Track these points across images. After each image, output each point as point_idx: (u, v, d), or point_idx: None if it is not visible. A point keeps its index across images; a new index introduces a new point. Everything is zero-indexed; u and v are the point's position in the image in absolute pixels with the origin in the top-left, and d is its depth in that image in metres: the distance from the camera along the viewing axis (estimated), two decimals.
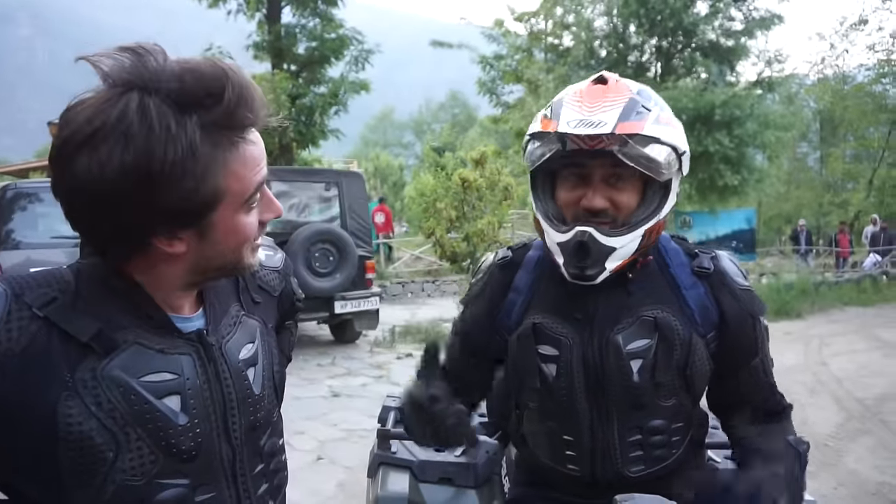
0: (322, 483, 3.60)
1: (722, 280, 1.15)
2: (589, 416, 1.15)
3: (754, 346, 1.16)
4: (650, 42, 16.28)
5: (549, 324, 1.16)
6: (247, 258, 0.85)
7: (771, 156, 16.33)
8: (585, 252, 1.06)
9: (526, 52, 17.11)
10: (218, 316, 0.89)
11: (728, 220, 17.08)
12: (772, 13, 15.84)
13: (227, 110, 0.72)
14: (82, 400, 0.72)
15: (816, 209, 25.55)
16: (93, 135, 0.68)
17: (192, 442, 0.79)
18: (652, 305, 1.13)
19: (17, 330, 0.71)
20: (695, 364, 1.12)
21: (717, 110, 13.83)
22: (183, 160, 0.69)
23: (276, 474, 0.95)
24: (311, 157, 15.68)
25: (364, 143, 50.76)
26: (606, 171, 1.07)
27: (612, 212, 1.08)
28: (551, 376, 1.15)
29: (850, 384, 5.88)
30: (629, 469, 1.15)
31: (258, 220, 0.84)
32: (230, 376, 0.85)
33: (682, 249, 1.20)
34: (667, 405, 1.13)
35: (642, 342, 1.11)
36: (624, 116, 1.02)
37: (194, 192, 0.71)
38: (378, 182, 29.23)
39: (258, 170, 0.79)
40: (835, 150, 25.72)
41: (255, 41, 12.73)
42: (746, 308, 1.15)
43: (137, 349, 0.77)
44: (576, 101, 1.07)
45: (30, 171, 16.68)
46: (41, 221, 5.22)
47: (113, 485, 0.74)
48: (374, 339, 7.84)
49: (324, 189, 7.24)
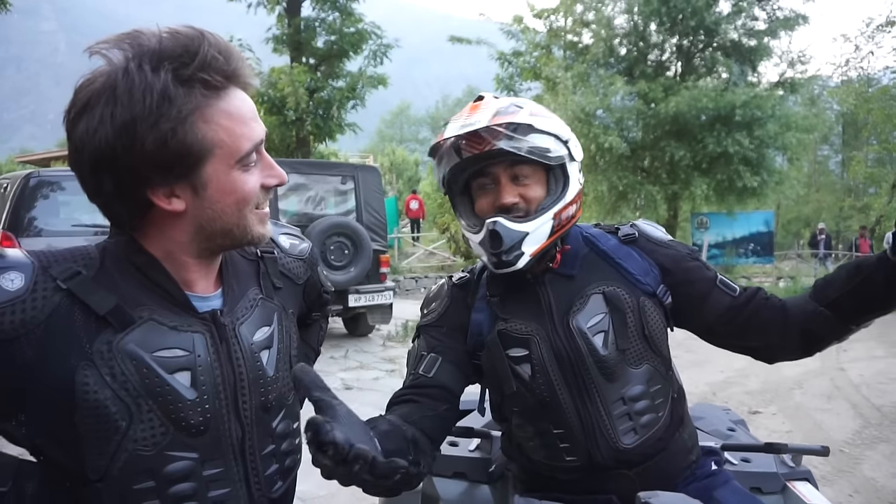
0: None
1: (648, 239, 1.29)
2: (572, 402, 1.19)
3: (708, 272, 1.26)
4: (671, 41, 16.10)
5: (513, 327, 1.22)
6: (253, 225, 0.86)
7: (792, 158, 16.12)
8: (498, 240, 1.14)
9: (545, 50, 16.99)
10: (235, 298, 0.91)
11: (746, 222, 16.89)
12: (796, 13, 15.59)
13: (202, 63, 0.76)
14: (98, 370, 0.77)
15: (836, 213, 25.22)
16: (87, 102, 0.76)
17: (201, 417, 0.82)
18: (597, 283, 1.22)
19: (42, 300, 0.76)
20: (650, 324, 1.21)
21: (738, 111, 13.66)
22: (158, 104, 0.74)
23: (287, 456, 0.96)
24: (328, 151, 15.76)
25: (380, 138, 50.86)
26: (509, 171, 1.17)
27: (524, 205, 1.18)
28: (527, 376, 1.20)
29: (867, 390, 5.79)
30: (623, 442, 1.18)
31: (260, 184, 0.85)
32: (242, 357, 0.88)
33: (604, 230, 1.32)
34: (639, 371, 1.20)
35: (598, 317, 1.20)
36: (497, 114, 1.14)
37: (172, 133, 0.75)
38: (393, 177, 29.27)
39: (248, 126, 0.81)
40: (857, 154, 25.28)
41: (274, 34, 12.77)
42: (679, 252, 1.28)
43: (152, 325, 0.81)
44: (457, 117, 1.21)
45: (51, 160, 16.94)
46: (62, 209, 5.29)
47: (125, 453, 0.78)
48: (386, 333, 7.87)
49: (340, 182, 7.27)
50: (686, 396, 1.37)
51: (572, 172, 1.21)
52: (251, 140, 0.82)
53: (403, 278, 12.91)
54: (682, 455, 1.26)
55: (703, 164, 14.69)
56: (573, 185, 1.21)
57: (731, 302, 1.23)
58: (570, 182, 1.20)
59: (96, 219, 5.30)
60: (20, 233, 4.93)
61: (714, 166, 14.69)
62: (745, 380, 6.02)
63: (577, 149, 1.22)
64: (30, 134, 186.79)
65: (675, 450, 1.24)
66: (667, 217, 16.25)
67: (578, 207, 1.23)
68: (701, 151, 14.46)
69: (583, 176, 1.26)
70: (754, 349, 1.25)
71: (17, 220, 4.95)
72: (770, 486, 1.52)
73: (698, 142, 14.45)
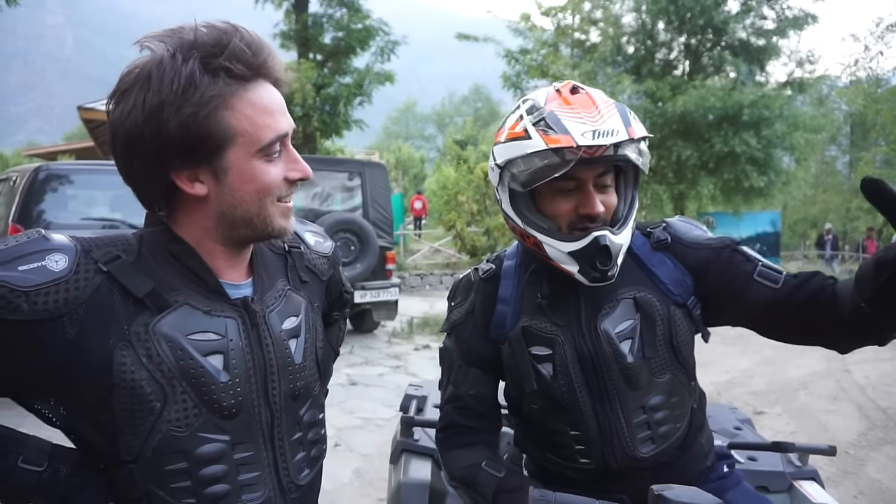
0: (339, 469, 3.63)
1: (681, 243, 1.22)
2: (592, 406, 1.17)
3: (747, 264, 1.15)
4: (679, 39, 16.04)
5: (538, 324, 1.19)
6: (274, 217, 0.88)
7: (799, 158, 16.03)
8: (607, 254, 1.10)
9: (552, 47, 16.94)
10: (265, 287, 0.94)
11: (752, 222, 16.84)
12: (805, 13, 15.49)
13: (230, 55, 0.80)
14: (135, 351, 0.80)
15: (844, 214, 25.08)
16: (126, 88, 0.81)
17: (233, 400, 0.84)
18: (628, 287, 1.18)
19: (84, 281, 0.79)
20: (678, 334, 1.17)
21: (746, 110, 13.60)
22: (184, 89, 0.78)
23: (313, 445, 0.98)
24: (334, 147, 15.76)
25: (386, 135, 50.87)
26: (596, 178, 1.12)
27: (605, 215, 1.13)
28: (548, 375, 1.18)
29: (873, 392, 5.78)
30: (640, 451, 1.16)
31: (283, 177, 0.87)
32: (272, 343, 0.90)
33: (638, 232, 1.26)
34: (662, 380, 1.17)
35: (627, 323, 1.16)
36: (626, 122, 1.07)
37: (194, 117, 0.78)
38: (399, 174, 29.28)
39: (272, 118, 0.84)
40: (865, 155, 25.15)
41: (281, 30, 12.81)
42: (714, 248, 1.19)
43: (187, 309, 0.84)
44: (573, 112, 1.07)
45: (58, 153, 17.00)
46: (71, 203, 5.32)
47: (159, 433, 0.80)
48: (392, 329, 7.89)
49: (347, 179, 7.28)
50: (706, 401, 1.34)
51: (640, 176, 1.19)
52: (274, 131, 0.84)
53: (409, 275, 12.93)
54: (698, 460, 1.25)
55: (709, 164, 14.64)
56: (637, 188, 1.19)
57: (773, 296, 1.11)
58: (637, 185, 1.19)
59: (105, 213, 5.33)
60: (29, 225, 4.95)
61: (721, 166, 14.63)
62: (749, 380, 6.01)
63: None
64: (36, 128, 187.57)
65: (690, 456, 1.23)
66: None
67: None
68: (708, 151, 14.41)
69: None
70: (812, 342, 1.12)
71: (27, 213, 4.98)
72: (777, 484, 1.52)
73: (705, 141, 14.41)
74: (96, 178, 5.44)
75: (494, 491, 1.15)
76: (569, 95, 1.12)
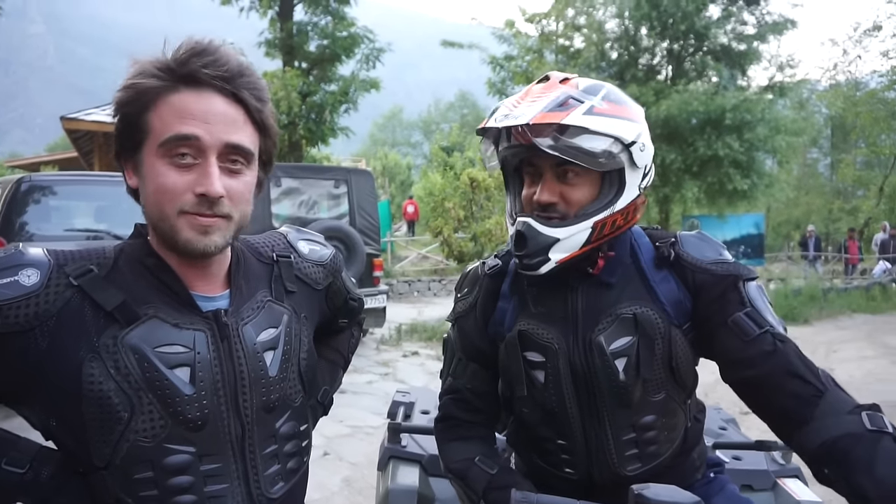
0: (328, 478, 3.62)
1: (685, 263, 1.13)
2: (580, 419, 1.14)
3: (735, 304, 1.07)
4: (661, 45, 16.23)
5: (534, 330, 1.16)
6: (179, 228, 0.85)
7: (781, 161, 16.27)
8: (522, 242, 1.07)
9: (536, 54, 17.06)
10: (243, 298, 0.94)
11: (736, 224, 17.02)
12: (785, 18, 15.77)
13: (177, 60, 0.84)
14: (104, 363, 0.81)
15: (826, 215, 25.44)
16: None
17: (198, 412, 0.85)
18: (629, 302, 1.12)
19: (55, 294, 0.82)
20: (678, 356, 1.11)
21: (728, 114, 13.78)
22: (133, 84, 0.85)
23: (291, 457, 0.97)
24: (321, 155, 15.73)
25: (372, 142, 50.84)
26: (556, 167, 1.07)
27: (563, 206, 1.08)
28: (540, 383, 1.16)
29: (856, 391, 5.78)
30: (626, 468, 1.14)
31: (191, 189, 0.84)
32: (244, 356, 0.90)
33: (650, 242, 1.19)
34: (656, 400, 1.13)
35: (624, 340, 1.10)
36: (547, 109, 1.02)
37: (126, 109, 0.86)
38: (386, 181, 29.27)
39: (182, 121, 0.84)
40: (846, 157, 25.58)
41: (266, 38, 12.76)
42: (720, 273, 1.10)
43: (155, 322, 0.85)
44: (514, 98, 1.09)
45: (41, 164, 16.81)
46: (54, 214, 5.25)
47: (127, 443, 0.82)
48: (380, 336, 7.86)
49: (333, 186, 7.26)
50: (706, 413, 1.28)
51: (630, 180, 1.08)
52: (174, 131, 0.83)
53: (397, 282, 12.90)
54: (688, 474, 1.22)
55: (693, 168, 14.80)
56: (628, 194, 1.08)
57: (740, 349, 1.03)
58: (626, 190, 1.08)
59: (89, 223, 5.28)
60: (11, 237, 4.90)
61: (705, 169, 14.79)
62: None
63: (642, 154, 1.08)
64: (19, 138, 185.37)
65: (680, 472, 1.20)
66: (658, 220, 16.35)
67: (632, 216, 1.12)
68: (692, 155, 14.57)
69: (649, 181, 1.12)
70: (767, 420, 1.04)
71: (9, 225, 4.91)
72: (761, 483, 1.54)
73: (689, 145, 14.57)
74: (80, 189, 5.39)
75: (485, 487, 1.15)
76: (533, 84, 1.12)
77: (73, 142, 12.50)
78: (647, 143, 1.09)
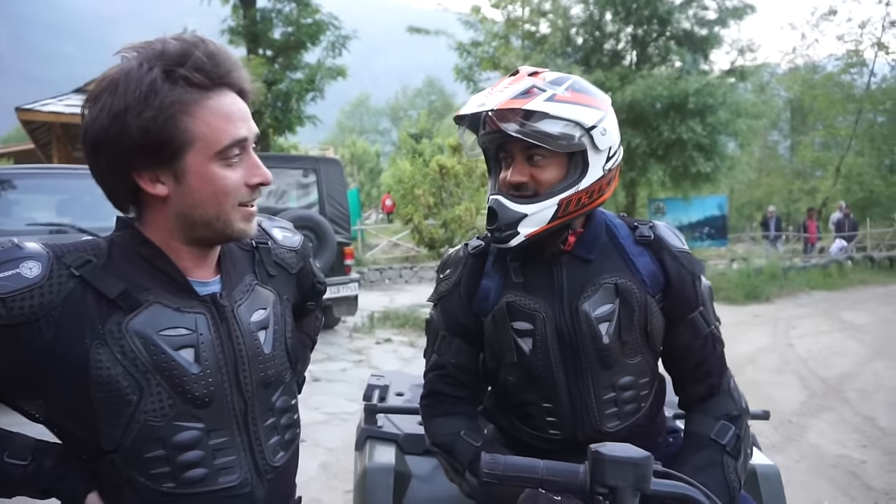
0: (305, 463, 3.63)
1: (661, 245, 1.28)
2: (566, 381, 1.24)
3: (694, 301, 1.27)
4: (626, 30, 16.42)
5: (521, 301, 1.25)
6: (234, 220, 0.93)
7: (743, 143, 16.65)
8: (493, 217, 1.19)
9: (503, 39, 17.08)
10: (233, 283, 0.99)
11: (701, 206, 17.41)
12: (745, 3, 16.08)
13: (193, 65, 0.86)
14: (110, 349, 0.85)
15: (786, 196, 26.11)
16: (97, 93, 0.87)
17: (205, 389, 0.90)
18: (609, 273, 1.24)
19: (58, 285, 0.84)
20: (653, 321, 1.25)
21: (691, 98, 14.05)
22: (145, 95, 0.84)
23: (287, 429, 1.04)
24: (288, 144, 15.55)
25: (340, 130, 50.37)
26: (525, 151, 1.18)
27: (533, 186, 1.19)
28: (528, 350, 1.24)
29: (814, 364, 6.10)
30: (606, 425, 1.24)
31: (244, 182, 0.92)
32: (241, 335, 0.96)
33: (625, 224, 1.33)
34: (633, 362, 1.25)
35: (607, 307, 1.22)
36: (512, 96, 1.14)
37: (154, 121, 0.84)
38: (355, 169, 29.07)
39: (230, 124, 0.89)
40: (804, 139, 26.24)
41: (230, 26, 12.50)
42: (686, 268, 1.28)
43: (157, 307, 0.89)
44: (488, 90, 1.22)
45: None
46: (14, 208, 5.14)
47: (137, 424, 0.86)
48: (353, 324, 7.88)
49: (302, 175, 7.22)
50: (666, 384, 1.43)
51: (594, 161, 1.18)
52: (231, 136, 0.89)
53: (368, 270, 12.89)
54: (653, 437, 1.34)
55: (658, 151, 15.07)
56: (591, 174, 1.18)
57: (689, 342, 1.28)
58: (589, 171, 1.18)
59: (52, 217, 5.17)
60: None
61: (669, 153, 15.07)
62: None
63: (605, 138, 1.18)
64: None
65: (649, 432, 1.31)
66: (625, 203, 16.62)
67: (598, 196, 1.22)
68: (656, 139, 14.82)
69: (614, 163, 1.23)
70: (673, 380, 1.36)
71: None
72: None
73: (654, 129, 14.81)
74: (40, 182, 5.27)
75: (470, 459, 1.23)
76: (503, 78, 1.23)
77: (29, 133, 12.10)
78: (608, 128, 1.19)
